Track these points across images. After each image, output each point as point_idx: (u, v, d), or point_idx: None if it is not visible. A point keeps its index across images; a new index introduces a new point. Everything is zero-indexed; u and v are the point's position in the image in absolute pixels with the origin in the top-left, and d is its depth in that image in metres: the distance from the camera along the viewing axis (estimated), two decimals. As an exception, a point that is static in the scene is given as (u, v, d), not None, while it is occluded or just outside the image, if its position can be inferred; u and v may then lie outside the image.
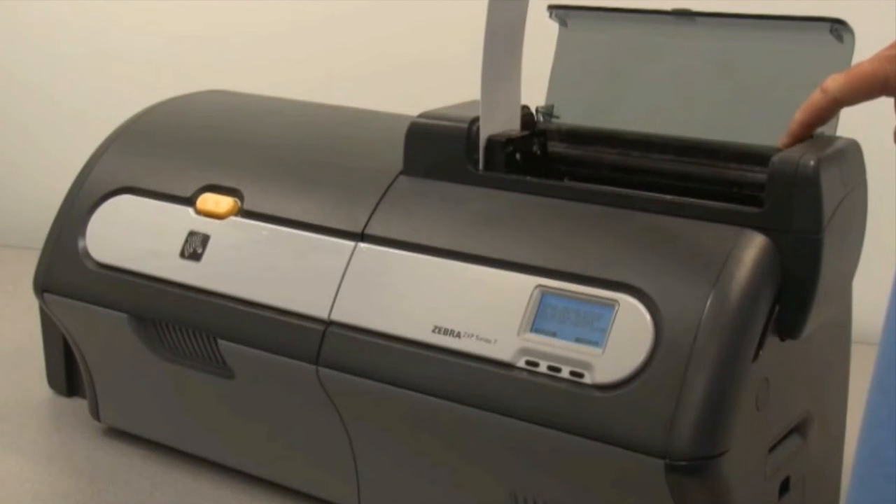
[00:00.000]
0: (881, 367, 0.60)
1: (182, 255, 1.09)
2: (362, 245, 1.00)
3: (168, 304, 1.08)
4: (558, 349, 0.87)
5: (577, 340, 0.86)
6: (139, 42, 1.84)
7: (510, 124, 1.04)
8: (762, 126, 0.98)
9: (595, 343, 0.85)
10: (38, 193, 1.76)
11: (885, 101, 0.80)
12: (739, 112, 1.01)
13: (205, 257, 1.08)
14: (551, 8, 1.08)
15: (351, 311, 0.98)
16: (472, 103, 1.02)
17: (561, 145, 1.07)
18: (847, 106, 0.84)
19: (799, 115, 0.86)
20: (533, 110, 1.08)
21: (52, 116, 1.90)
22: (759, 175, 0.93)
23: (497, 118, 1.01)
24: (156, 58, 1.83)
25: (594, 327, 0.86)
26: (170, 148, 1.19)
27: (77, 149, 1.29)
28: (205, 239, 1.08)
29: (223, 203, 1.09)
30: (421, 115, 1.03)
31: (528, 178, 0.99)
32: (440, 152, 1.01)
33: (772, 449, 0.90)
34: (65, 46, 1.87)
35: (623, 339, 0.83)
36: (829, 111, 0.84)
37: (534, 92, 1.08)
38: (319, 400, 1.00)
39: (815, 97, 0.84)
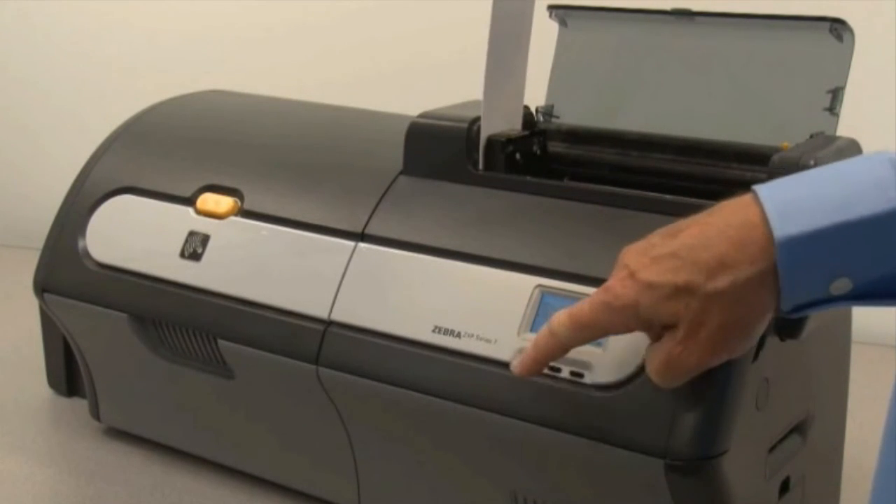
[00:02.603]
0: None
1: (182, 255, 1.09)
2: (362, 245, 1.00)
3: (168, 304, 1.08)
4: (558, 349, 0.87)
5: (577, 340, 0.86)
6: (139, 42, 1.84)
7: (511, 124, 1.03)
8: (762, 126, 0.98)
9: (595, 343, 0.85)
10: (38, 193, 1.76)
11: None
12: (739, 112, 1.01)
13: (205, 257, 1.08)
14: (551, 8, 1.08)
15: (351, 311, 0.98)
16: (472, 103, 1.02)
17: (561, 145, 1.07)
18: (578, 346, 0.80)
19: (530, 351, 0.81)
20: (533, 110, 1.08)
21: (51, 117, 1.90)
22: (759, 175, 0.92)
23: (498, 118, 1.01)
24: (156, 58, 1.83)
25: (594, 327, 0.86)
26: (170, 148, 1.19)
27: (77, 149, 1.29)
28: (205, 239, 1.08)
29: (223, 203, 1.09)
30: (421, 115, 1.03)
31: (528, 178, 0.99)
32: (440, 152, 1.01)
33: (772, 449, 0.90)
34: (65, 47, 1.87)
35: (623, 339, 0.83)
36: (558, 351, 0.80)
37: (534, 92, 1.08)
38: (319, 400, 1.00)
39: (543, 337, 0.79)
